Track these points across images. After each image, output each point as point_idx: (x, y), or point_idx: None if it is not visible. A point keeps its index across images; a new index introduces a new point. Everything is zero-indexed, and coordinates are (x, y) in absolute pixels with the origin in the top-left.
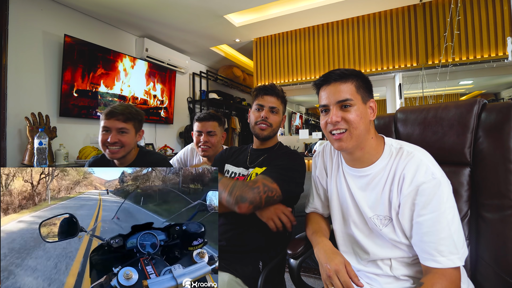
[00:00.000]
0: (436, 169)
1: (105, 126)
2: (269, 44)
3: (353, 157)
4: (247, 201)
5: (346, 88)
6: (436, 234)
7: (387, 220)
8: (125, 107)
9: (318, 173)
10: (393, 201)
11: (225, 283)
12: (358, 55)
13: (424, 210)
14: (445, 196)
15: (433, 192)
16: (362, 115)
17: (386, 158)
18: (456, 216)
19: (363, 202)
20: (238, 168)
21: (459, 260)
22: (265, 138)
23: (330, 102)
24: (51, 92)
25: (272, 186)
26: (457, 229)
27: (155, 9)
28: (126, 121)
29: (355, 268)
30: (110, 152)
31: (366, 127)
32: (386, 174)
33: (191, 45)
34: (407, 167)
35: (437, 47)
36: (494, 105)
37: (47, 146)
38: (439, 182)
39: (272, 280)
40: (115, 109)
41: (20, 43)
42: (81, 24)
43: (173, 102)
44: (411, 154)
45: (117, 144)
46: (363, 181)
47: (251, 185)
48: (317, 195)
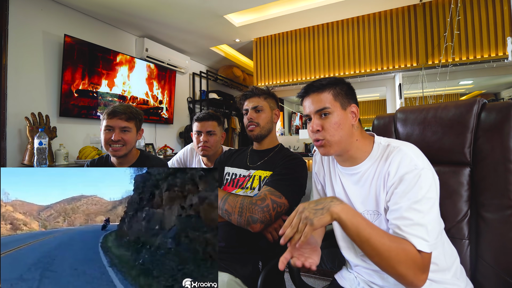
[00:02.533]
0: (420, 161)
1: (108, 125)
2: (269, 44)
3: (342, 158)
4: (258, 222)
5: (323, 97)
6: (409, 219)
7: (376, 215)
8: (126, 106)
9: (317, 169)
10: (381, 195)
11: (224, 283)
12: (358, 55)
13: (402, 198)
14: (425, 187)
15: (414, 181)
16: (341, 121)
17: (374, 156)
18: (434, 208)
19: (355, 198)
20: (238, 169)
21: (428, 247)
22: (258, 138)
23: (311, 112)
24: (51, 92)
25: (281, 201)
26: (432, 220)
27: (155, 9)
28: (128, 120)
29: (354, 263)
30: (113, 150)
31: (348, 132)
32: (373, 170)
33: (191, 45)
34: (392, 161)
35: (437, 47)
36: (493, 104)
37: (47, 146)
38: (420, 172)
39: (272, 280)
40: (117, 109)
41: (20, 43)
42: (81, 24)
43: (173, 102)
44: (396, 148)
45: (120, 142)
46: (354, 178)
47: (260, 203)
48: (317, 191)
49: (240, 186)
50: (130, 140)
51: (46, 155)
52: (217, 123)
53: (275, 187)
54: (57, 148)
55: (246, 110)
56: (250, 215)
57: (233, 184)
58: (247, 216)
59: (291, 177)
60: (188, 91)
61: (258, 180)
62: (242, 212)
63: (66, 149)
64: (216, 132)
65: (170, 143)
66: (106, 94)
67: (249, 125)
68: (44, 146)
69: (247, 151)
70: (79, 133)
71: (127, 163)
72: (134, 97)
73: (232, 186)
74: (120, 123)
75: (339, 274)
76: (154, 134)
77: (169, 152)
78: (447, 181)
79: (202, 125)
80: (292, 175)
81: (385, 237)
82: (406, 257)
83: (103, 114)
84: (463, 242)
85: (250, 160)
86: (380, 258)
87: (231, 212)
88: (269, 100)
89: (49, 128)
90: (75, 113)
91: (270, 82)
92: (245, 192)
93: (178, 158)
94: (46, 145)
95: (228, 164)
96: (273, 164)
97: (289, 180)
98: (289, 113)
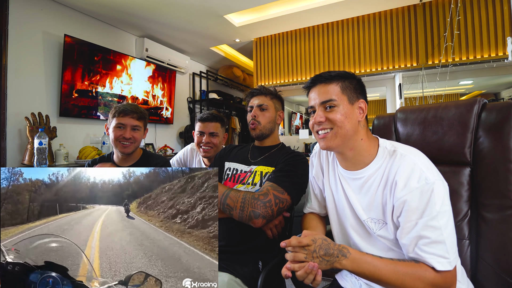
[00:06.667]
0: (430, 173)
1: (121, 123)
2: (269, 44)
3: (345, 158)
4: (260, 217)
5: (330, 89)
6: (427, 237)
7: (381, 223)
8: (136, 106)
9: (314, 173)
10: (387, 205)
11: (224, 283)
12: (358, 55)
13: (415, 215)
14: (439, 201)
15: (426, 197)
16: (347, 115)
17: (379, 161)
18: (450, 221)
19: (358, 204)
20: (239, 164)
21: (449, 264)
22: (259, 137)
23: (316, 103)
24: (51, 92)
25: (283, 197)
26: (450, 234)
27: (155, 9)
28: (139, 119)
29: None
30: (123, 146)
31: (353, 128)
32: (379, 177)
33: (191, 45)
34: (400, 171)
35: (437, 47)
36: (494, 104)
37: (47, 146)
38: (431, 187)
39: (272, 280)
40: (128, 108)
41: (20, 43)
42: (81, 24)
43: (173, 102)
44: (404, 157)
45: (131, 140)
46: (356, 184)
47: (262, 198)
48: (314, 196)
49: (241, 182)
50: (139, 138)
51: (46, 155)
52: (220, 125)
53: (277, 182)
54: (57, 148)
55: (251, 107)
56: (252, 210)
57: (234, 179)
58: (249, 210)
59: (293, 173)
60: (188, 91)
61: (260, 175)
62: (244, 207)
63: (66, 149)
64: (218, 134)
65: (170, 143)
66: (106, 94)
67: (251, 122)
68: (44, 146)
69: (249, 147)
70: (79, 133)
71: (131, 160)
72: (134, 97)
73: (233, 181)
74: (132, 121)
75: (339, 275)
76: (154, 134)
77: (169, 152)
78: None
79: (205, 126)
80: (295, 172)
81: (397, 272)
82: (423, 284)
83: (112, 112)
84: (464, 243)
85: (251, 155)
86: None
87: (232, 207)
88: (275, 101)
89: (49, 128)
90: (75, 113)
91: (270, 82)
92: (246, 188)
93: (178, 158)
94: (46, 145)
95: (229, 159)
96: (275, 160)
97: (291, 177)
98: (289, 113)
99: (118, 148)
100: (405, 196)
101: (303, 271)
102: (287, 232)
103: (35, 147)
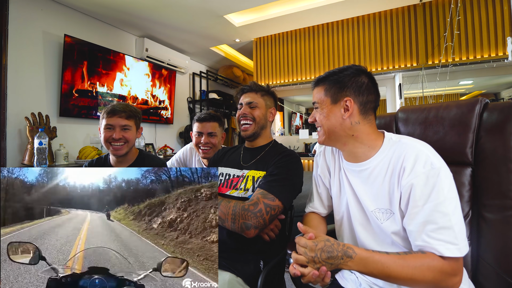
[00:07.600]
0: (436, 159)
1: (109, 124)
2: (269, 44)
3: (344, 152)
4: (252, 227)
5: (316, 92)
6: (434, 223)
7: (388, 213)
8: (125, 105)
9: (320, 171)
10: (394, 194)
11: (225, 282)
12: (358, 55)
13: (422, 201)
14: (446, 186)
15: (433, 182)
16: (328, 115)
17: (384, 151)
18: (457, 207)
19: (365, 196)
20: (231, 169)
21: (458, 251)
22: (250, 137)
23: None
24: (51, 92)
25: (274, 204)
26: (458, 221)
27: (155, 9)
28: (128, 118)
29: None
30: (114, 148)
31: (338, 126)
32: (385, 167)
33: (191, 45)
34: (406, 158)
35: (437, 47)
36: (496, 104)
37: (47, 146)
38: (438, 172)
39: (272, 279)
40: (116, 107)
41: (20, 43)
42: (81, 24)
43: (173, 102)
44: (410, 145)
45: (121, 141)
46: (363, 175)
47: (253, 208)
48: (318, 195)
49: (234, 187)
50: (131, 138)
51: (46, 155)
52: (218, 124)
53: (267, 189)
54: (57, 148)
55: (240, 104)
56: (243, 222)
57: (227, 185)
58: (240, 223)
59: (284, 177)
60: (188, 91)
61: (252, 180)
62: (235, 219)
63: (66, 149)
64: (217, 134)
65: (170, 143)
66: (106, 94)
67: (242, 119)
68: (44, 146)
69: (240, 149)
70: (79, 133)
71: (126, 162)
72: (134, 97)
73: (226, 187)
74: (121, 121)
75: (340, 274)
76: (154, 134)
77: (169, 152)
78: None
79: (203, 126)
80: (285, 174)
81: (406, 267)
82: (433, 273)
83: (102, 113)
84: None
85: (243, 158)
86: (408, 284)
87: (224, 219)
88: (266, 97)
89: (49, 128)
90: (75, 113)
91: (270, 82)
92: (239, 193)
93: (178, 157)
94: (46, 145)
95: (222, 164)
96: (266, 163)
97: (282, 181)
98: (289, 113)
99: (110, 151)
100: (412, 181)
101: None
102: (287, 232)
103: (35, 147)
